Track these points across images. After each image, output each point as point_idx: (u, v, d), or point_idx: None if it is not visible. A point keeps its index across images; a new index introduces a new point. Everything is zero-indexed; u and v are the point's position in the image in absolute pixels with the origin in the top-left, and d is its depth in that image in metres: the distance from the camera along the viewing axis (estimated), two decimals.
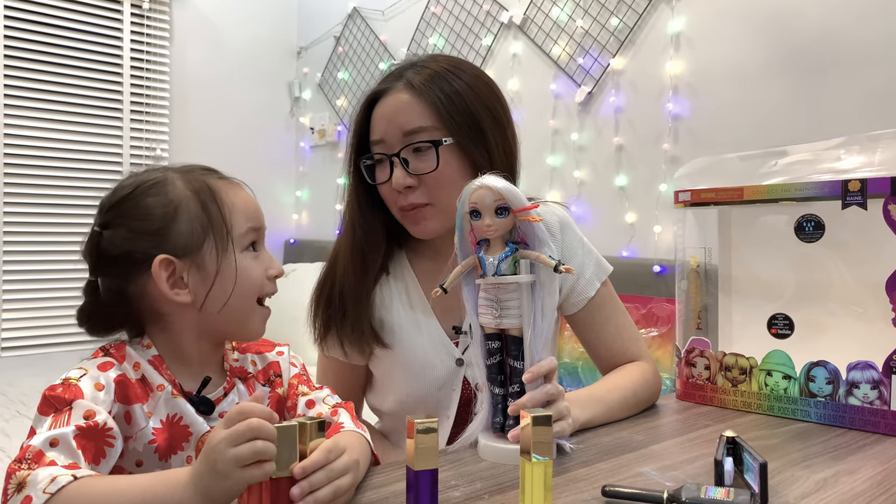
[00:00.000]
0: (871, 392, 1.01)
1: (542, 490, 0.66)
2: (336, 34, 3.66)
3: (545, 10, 2.67)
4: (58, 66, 3.20)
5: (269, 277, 0.84)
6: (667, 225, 2.30)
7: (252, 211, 0.84)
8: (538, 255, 0.85)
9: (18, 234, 3.13)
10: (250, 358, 0.90)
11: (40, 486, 0.61)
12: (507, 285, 0.86)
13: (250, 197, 0.86)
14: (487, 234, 0.85)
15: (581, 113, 2.58)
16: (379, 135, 1.08)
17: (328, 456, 0.67)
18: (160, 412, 0.78)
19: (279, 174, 3.84)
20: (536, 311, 0.87)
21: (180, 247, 0.78)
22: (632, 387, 1.10)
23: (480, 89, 1.08)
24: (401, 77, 1.08)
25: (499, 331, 0.88)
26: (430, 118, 1.05)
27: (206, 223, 0.79)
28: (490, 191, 0.83)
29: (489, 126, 1.07)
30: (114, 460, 0.72)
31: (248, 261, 0.82)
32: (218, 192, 0.81)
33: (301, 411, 0.88)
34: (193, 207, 0.79)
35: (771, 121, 2.08)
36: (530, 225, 0.85)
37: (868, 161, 1.05)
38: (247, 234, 0.82)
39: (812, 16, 2.00)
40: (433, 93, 1.05)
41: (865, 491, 0.77)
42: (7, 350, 3.10)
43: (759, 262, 1.17)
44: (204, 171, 0.84)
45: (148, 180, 0.81)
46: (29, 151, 3.14)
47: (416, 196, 1.06)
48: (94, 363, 0.76)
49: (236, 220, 0.81)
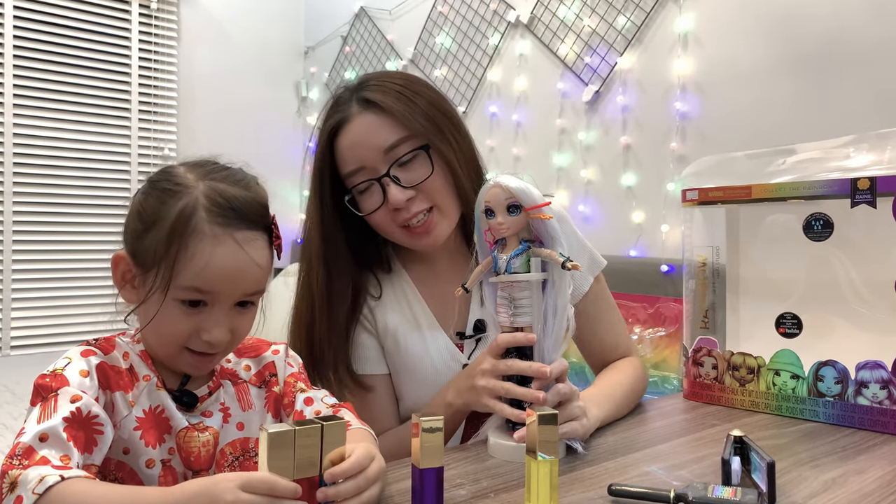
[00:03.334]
0: (880, 392, 1.00)
1: (548, 489, 0.66)
2: (343, 34, 3.66)
3: (552, 8, 2.67)
4: (66, 65, 3.21)
5: (202, 339, 0.77)
6: (674, 224, 2.30)
7: (209, 276, 0.75)
8: (550, 253, 0.85)
9: (27, 233, 3.15)
10: (244, 363, 0.89)
11: (30, 487, 0.61)
12: (518, 283, 0.86)
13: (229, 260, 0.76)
14: (500, 233, 0.86)
15: (588, 112, 2.58)
16: (356, 164, 1.05)
17: (362, 463, 0.66)
18: (143, 402, 0.78)
19: (286, 173, 3.84)
20: (548, 311, 0.87)
21: (139, 255, 0.78)
22: (629, 383, 1.11)
23: (427, 93, 1.08)
24: (352, 101, 1.06)
25: (514, 329, 0.89)
26: (401, 130, 1.03)
27: (160, 254, 0.76)
28: (502, 189, 0.85)
29: (447, 126, 1.07)
30: (106, 447, 0.73)
31: (175, 313, 0.76)
32: (190, 235, 0.75)
33: (299, 408, 0.87)
34: (164, 232, 0.76)
35: (779, 119, 2.06)
36: (543, 223, 0.86)
37: (877, 159, 1.04)
38: (186, 291, 0.75)
39: (820, 14, 1.99)
40: (392, 105, 1.03)
41: (874, 491, 0.76)
42: (16, 349, 3.12)
43: (768, 261, 1.16)
44: (220, 202, 0.77)
45: (170, 180, 0.79)
46: (38, 151, 3.15)
47: (419, 204, 1.05)
48: (76, 351, 0.77)
49: (185, 272, 0.75)
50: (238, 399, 0.86)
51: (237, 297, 0.78)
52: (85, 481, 0.63)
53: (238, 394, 0.86)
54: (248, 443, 0.85)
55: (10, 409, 2.30)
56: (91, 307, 3.23)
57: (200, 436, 0.81)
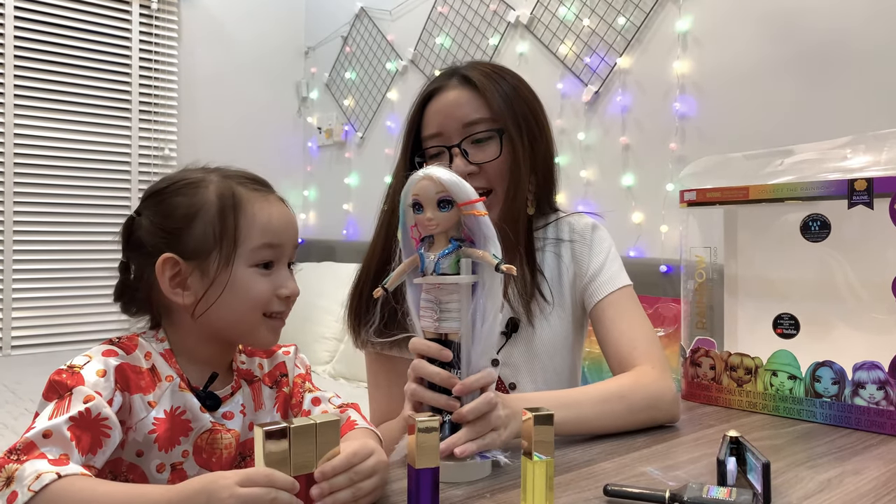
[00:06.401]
0: (877, 392, 1.00)
1: (544, 489, 0.66)
2: (343, 34, 3.67)
3: (552, 9, 2.67)
4: (67, 66, 3.22)
5: (280, 296, 0.81)
6: (673, 225, 2.30)
7: (276, 228, 0.81)
8: (483, 254, 0.78)
9: (28, 234, 3.15)
10: (258, 361, 0.90)
11: (25, 483, 0.61)
12: (446, 286, 0.79)
13: (283, 213, 0.83)
14: (429, 230, 0.79)
15: (588, 112, 2.58)
16: (435, 129, 1.11)
17: (351, 459, 0.67)
18: (165, 403, 0.78)
19: (287, 174, 3.85)
20: (476, 315, 0.80)
21: (190, 249, 0.79)
22: (618, 391, 0.99)
23: (524, 92, 1.15)
24: (454, 75, 1.14)
25: (439, 336, 0.81)
26: (487, 111, 1.10)
27: (218, 231, 0.79)
28: (432, 182, 0.77)
29: (533, 125, 1.13)
30: (111, 450, 0.72)
31: (254, 277, 0.80)
32: (241, 203, 0.80)
33: (307, 407, 0.88)
34: (212, 213, 0.79)
35: (778, 120, 2.07)
36: (476, 220, 0.79)
37: (874, 160, 1.04)
38: (259, 251, 0.80)
39: (819, 15, 1.99)
40: (489, 89, 1.10)
41: (870, 492, 0.77)
42: (17, 348, 3.12)
43: (765, 261, 1.16)
44: (243, 178, 0.83)
45: (185, 179, 0.82)
46: (39, 151, 3.16)
47: (477, 182, 1.08)
48: (98, 350, 0.77)
49: (251, 234, 0.79)
50: (253, 398, 0.87)
51: (292, 251, 0.84)
52: (84, 479, 0.63)
53: (252, 393, 0.87)
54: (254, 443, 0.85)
55: (11, 408, 2.30)
56: (92, 307, 3.23)
57: (225, 437, 0.81)
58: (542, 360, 1.14)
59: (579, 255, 1.16)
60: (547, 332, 1.15)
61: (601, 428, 0.96)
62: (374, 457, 0.70)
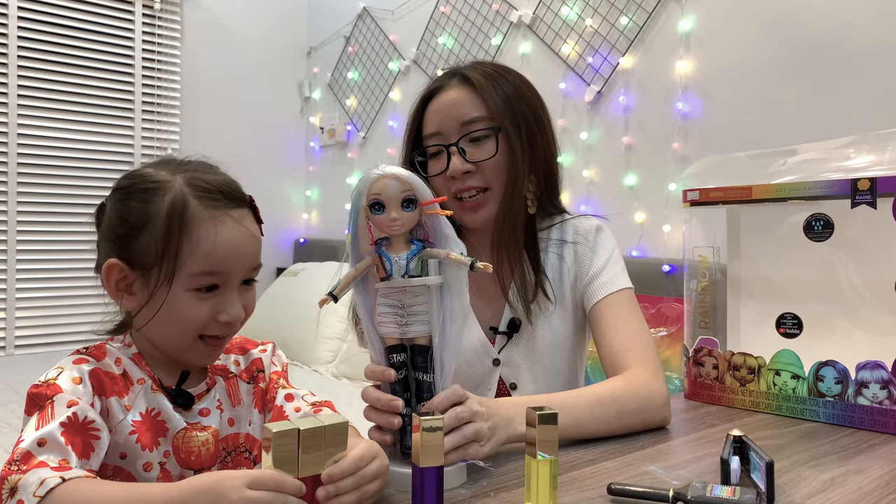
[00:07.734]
0: (880, 392, 1.00)
1: (548, 488, 0.66)
2: (346, 34, 3.67)
3: (554, 9, 2.67)
4: (70, 66, 3.22)
5: (219, 321, 0.79)
6: (676, 224, 2.30)
7: (220, 255, 0.77)
8: (448, 254, 0.75)
9: (32, 233, 3.16)
10: (233, 358, 0.89)
11: (31, 490, 0.61)
12: (412, 289, 0.75)
13: (233, 238, 0.78)
14: (392, 231, 0.75)
15: (590, 112, 2.58)
16: (434, 127, 1.14)
17: (358, 463, 0.67)
18: (140, 405, 0.78)
19: (289, 174, 3.85)
20: (445, 317, 0.78)
21: (136, 259, 0.78)
22: (609, 394, 0.98)
23: (525, 92, 1.15)
24: (455, 75, 1.16)
25: (403, 341, 0.78)
26: (485, 110, 1.11)
27: (160, 250, 0.77)
28: (398, 180, 0.73)
29: (533, 125, 1.14)
30: (103, 452, 0.73)
31: (191, 301, 0.77)
32: (188, 224, 0.76)
33: (280, 403, 0.87)
34: (158, 229, 0.77)
35: (781, 120, 2.06)
36: (437, 220, 0.76)
37: (878, 160, 1.04)
38: (199, 277, 0.77)
39: (822, 15, 1.99)
40: (488, 88, 1.11)
41: (873, 491, 0.77)
42: (20, 348, 3.13)
43: (768, 261, 1.16)
44: (207, 188, 0.79)
45: (148, 179, 0.81)
46: (42, 151, 3.16)
47: (474, 180, 1.11)
48: (69, 360, 0.77)
49: (192, 259, 0.76)
50: (229, 394, 0.86)
51: (245, 273, 0.80)
52: (87, 481, 0.64)
53: (229, 388, 0.86)
54: (238, 438, 0.85)
55: (15, 408, 2.31)
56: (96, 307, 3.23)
57: (200, 435, 0.81)
58: (542, 360, 1.15)
59: (581, 257, 1.16)
60: (548, 332, 1.15)
61: (594, 431, 0.95)
62: (378, 460, 0.70)
